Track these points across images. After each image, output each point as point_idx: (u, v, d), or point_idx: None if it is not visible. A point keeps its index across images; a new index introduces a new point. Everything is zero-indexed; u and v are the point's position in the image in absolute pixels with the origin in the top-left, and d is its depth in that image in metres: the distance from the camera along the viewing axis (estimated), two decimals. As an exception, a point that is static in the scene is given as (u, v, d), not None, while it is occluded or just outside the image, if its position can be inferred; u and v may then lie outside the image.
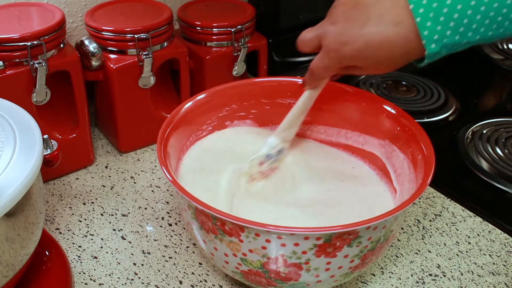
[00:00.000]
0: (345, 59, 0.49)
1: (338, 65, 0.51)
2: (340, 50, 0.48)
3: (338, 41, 0.48)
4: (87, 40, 0.69)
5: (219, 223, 0.47)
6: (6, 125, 0.49)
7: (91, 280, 0.57)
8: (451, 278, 0.58)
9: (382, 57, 0.47)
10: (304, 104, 0.59)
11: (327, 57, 0.50)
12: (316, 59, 0.52)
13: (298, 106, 0.60)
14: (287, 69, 0.92)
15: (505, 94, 0.94)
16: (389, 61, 0.47)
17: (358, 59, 0.48)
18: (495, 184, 0.70)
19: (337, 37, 0.48)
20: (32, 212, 0.47)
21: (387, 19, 0.45)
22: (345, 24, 0.48)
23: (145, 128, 0.76)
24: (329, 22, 0.50)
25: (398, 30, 0.44)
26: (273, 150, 0.61)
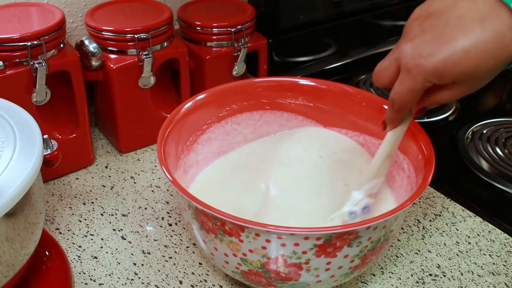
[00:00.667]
0: (431, 75, 0.42)
1: (423, 85, 0.43)
2: (423, 65, 0.42)
3: (419, 55, 0.42)
4: (87, 40, 0.69)
5: (219, 223, 0.47)
6: (6, 125, 0.49)
7: (91, 280, 0.57)
8: (451, 278, 0.58)
9: (473, 64, 0.40)
10: (389, 149, 0.52)
11: (408, 77, 0.43)
12: (395, 85, 0.45)
13: (383, 152, 0.53)
14: (287, 69, 0.93)
15: (505, 94, 0.94)
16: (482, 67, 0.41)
17: (446, 72, 0.41)
18: (495, 184, 0.70)
19: (417, 51, 0.42)
20: (32, 212, 0.47)
21: (470, 18, 0.40)
22: (423, 36, 0.42)
23: (145, 128, 0.76)
24: (405, 40, 0.44)
25: (487, 26, 0.39)
26: (357, 207, 0.53)
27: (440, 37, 0.41)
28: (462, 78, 0.42)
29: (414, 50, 0.43)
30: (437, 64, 0.41)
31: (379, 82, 0.47)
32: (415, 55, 0.42)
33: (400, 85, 0.45)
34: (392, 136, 0.52)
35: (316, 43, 0.96)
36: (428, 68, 0.42)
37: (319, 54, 0.96)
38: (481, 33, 0.40)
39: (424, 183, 0.50)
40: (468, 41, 0.40)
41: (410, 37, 0.44)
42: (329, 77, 0.86)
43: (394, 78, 0.45)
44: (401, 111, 0.48)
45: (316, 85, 0.65)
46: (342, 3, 0.94)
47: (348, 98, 0.64)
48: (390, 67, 0.46)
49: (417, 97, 0.45)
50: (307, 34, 0.93)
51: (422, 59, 0.42)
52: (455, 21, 0.41)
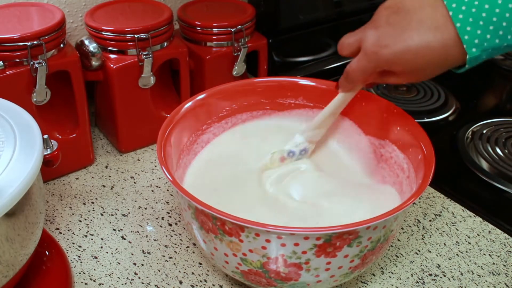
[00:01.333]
0: (383, 62, 0.49)
1: (375, 69, 0.51)
2: (379, 53, 0.48)
3: (378, 44, 0.48)
4: (87, 40, 0.69)
5: (219, 223, 0.47)
6: (6, 125, 0.49)
7: (91, 280, 0.57)
8: (451, 278, 0.58)
9: (420, 63, 0.47)
10: (335, 107, 0.59)
11: (365, 59, 0.50)
12: (353, 61, 0.52)
13: (329, 108, 0.59)
14: (287, 69, 0.93)
15: (505, 94, 0.94)
16: (427, 67, 0.47)
17: (396, 64, 0.48)
18: (495, 184, 0.70)
19: (377, 39, 0.48)
20: (32, 212, 0.47)
21: (427, 24, 0.45)
22: (387, 28, 0.48)
23: (145, 128, 0.76)
24: (371, 26, 0.50)
25: (437, 36, 0.45)
26: (297, 148, 0.61)
27: (400, 34, 0.47)
28: (409, 71, 0.49)
29: (375, 38, 0.49)
30: (390, 56, 0.48)
31: (342, 52, 0.54)
32: (375, 43, 0.49)
33: (356, 62, 0.52)
34: (341, 98, 0.58)
35: (316, 43, 0.96)
36: (382, 56, 0.48)
37: (319, 54, 0.96)
38: (433, 41, 0.45)
39: (424, 183, 0.50)
40: (420, 44, 0.46)
41: (376, 25, 0.49)
42: (329, 77, 0.85)
43: (355, 52, 0.52)
44: (353, 83, 0.55)
45: (316, 85, 0.65)
46: (342, 3, 0.94)
47: (348, 98, 0.64)
48: (353, 44, 0.52)
49: (367, 75, 0.52)
50: (307, 34, 0.93)
51: (379, 48, 0.48)
52: (415, 24, 0.46)
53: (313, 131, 0.62)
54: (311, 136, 0.62)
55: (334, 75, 0.94)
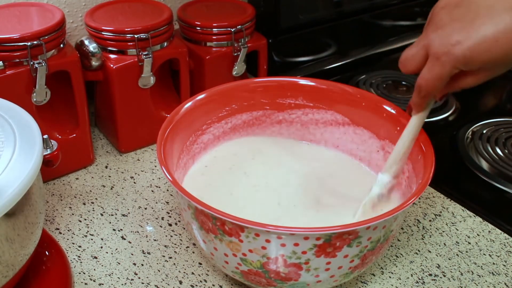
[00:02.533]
0: (459, 62, 0.44)
1: (451, 72, 0.45)
2: (452, 52, 0.43)
3: (449, 43, 0.43)
4: (87, 40, 0.69)
5: (219, 223, 0.47)
6: (6, 125, 0.49)
7: (91, 280, 0.57)
8: (451, 278, 0.58)
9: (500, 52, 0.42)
10: (413, 133, 0.54)
11: (437, 63, 0.45)
12: (423, 72, 0.47)
13: (407, 136, 0.54)
14: (287, 69, 0.93)
15: (505, 94, 0.94)
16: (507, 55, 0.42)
17: (473, 60, 0.43)
18: (495, 184, 0.70)
19: (446, 39, 0.44)
20: (32, 212, 0.47)
21: (499, 7, 0.41)
22: (453, 24, 0.44)
23: (145, 128, 0.76)
24: (432, 28, 0.46)
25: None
26: (385, 189, 0.55)
27: (470, 26, 0.42)
28: (490, 64, 0.44)
29: (443, 38, 0.44)
30: (466, 52, 0.43)
31: (406, 68, 0.48)
32: (444, 43, 0.44)
33: (428, 72, 0.46)
34: (417, 120, 0.53)
35: (316, 43, 0.96)
36: (458, 55, 0.43)
37: (319, 54, 0.96)
38: (510, 21, 0.41)
39: (424, 183, 0.50)
40: (498, 29, 0.41)
41: (439, 25, 0.45)
42: (329, 77, 0.86)
43: (421, 65, 0.47)
44: (427, 97, 0.49)
45: (316, 85, 0.65)
46: (342, 3, 0.94)
47: (348, 98, 0.64)
48: (418, 54, 0.47)
49: (444, 84, 0.46)
50: (307, 34, 0.93)
51: (451, 47, 0.43)
52: (484, 10, 0.42)
53: (397, 164, 0.55)
54: (396, 171, 0.55)
55: (334, 75, 0.94)
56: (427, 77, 0.46)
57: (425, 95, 0.49)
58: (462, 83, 0.47)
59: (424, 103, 0.51)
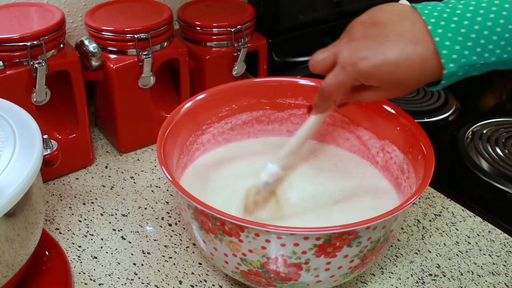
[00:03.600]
0: (361, 76, 0.47)
1: (353, 82, 0.48)
2: (357, 65, 0.46)
3: (356, 56, 0.47)
4: (87, 40, 0.69)
5: (219, 223, 0.47)
6: (6, 125, 0.49)
7: (91, 280, 0.57)
8: (451, 278, 0.58)
9: (399, 76, 0.46)
10: (309, 131, 0.56)
11: (342, 72, 0.48)
12: (328, 77, 0.50)
13: (302, 133, 0.57)
14: (287, 69, 0.92)
15: (505, 94, 0.94)
16: (405, 80, 0.46)
17: (374, 77, 0.47)
18: (495, 184, 0.70)
19: (355, 52, 0.47)
20: (32, 212, 0.47)
21: (406, 37, 0.45)
22: (364, 41, 0.47)
23: (145, 128, 0.76)
24: (346, 39, 0.49)
25: (417, 49, 0.45)
26: (272, 178, 0.57)
27: (378, 47, 0.46)
28: (387, 85, 0.47)
29: (353, 51, 0.47)
30: (369, 68, 0.46)
31: (314, 69, 0.51)
32: (353, 55, 0.47)
33: (333, 77, 0.49)
34: (314, 120, 0.56)
35: (316, 43, 0.95)
36: (361, 69, 0.46)
37: (319, 54, 0.96)
38: (412, 53, 0.45)
39: (424, 183, 0.50)
40: (401, 56, 0.45)
41: (352, 38, 0.48)
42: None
43: (328, 69, 0.50)
44: (328, 101, 0.52)
45: (316, 85, 0.65)
46: (342, 3, 0.94)
47: (348, 98, 0.64)
48: (327, 59, 0.50)
49: (344, 91, 0.50)
50: (307, 34, 0.92)
51: (358, 60, 0.46)
52: (395, 36, 0.45)
53: (287, 157, 0.58)
54: (286, 163, 0.58)
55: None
56: (330, 82, 0.49)
57: (326, 98, 0.51)
58: (361, 96, 0.51)
59: (324, 106, 0.53)
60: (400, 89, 0.48)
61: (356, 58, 0.47)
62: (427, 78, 0.46)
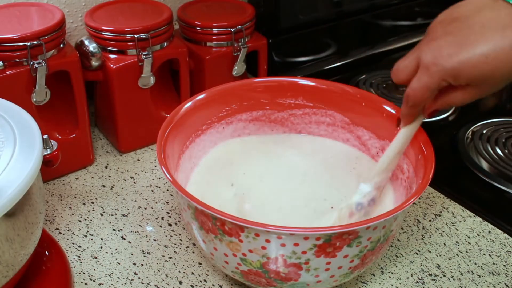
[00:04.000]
0: (448, 74, 0.44)
1: (440, 83, 0.45)
2: (442, 63, 0.44)
3: (440, 55, 0.44)
4: (87, 40, 0.69)
5: (219, 223, 0.47)
6: (6, 125, 0.49)
7: (91, 280, 0.57)
8: (451, 278, 0.58)
9: (489, 68, 0.43)
10: (400, 145, 0.54)
11: (427, 74, 0.45)
12: (413, 82, 0.47)
13: (394, 148, 0.54)
14: (287, 69, 0.92)
15: (505, 94, 0.94)
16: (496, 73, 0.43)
17: (462, 73, 0.44)
18: (495, 184, 0.70)
19: (438, 51, 0.44)
20: (32, 212, 0.47)
21: (492, 25, 0.43)
22: (446, 37, 0.44)
23: (145, 128, 0.76)
24: (426, 40, 0.46)
25: (507, 34, 0.42)
26: (365, 199, 0.55)
27: (462, 40, 0.43)
28: (477, 81, 0.44)
29: (435, 50, 0.45)
30: (455, 65, 0.43)
31: (398, 78, 0.49)
32: (436, 54, 0.44)
33: (417, 81, 0.46)
34: (405, 132, 0.53)
35: (316, 43, 0.96)
36: (447, 67, 0.44)
37: (319, 54, 0.96)
38: (501, 40, 0.42)
39: (424, 183, 0.50)
40: (488, 47, 0.42)
41: (432, 38, 0.46)
42: (329, 77, 0.86)
43: (412, 75, 0.47)
44: (415, 107, 0.49)
45: (316, 85, 0.65)
46: (342, 3, 0.94)
47: (348, 98, 0.64)
48: (410, 65, 0.47)
49: (431, 95, 0.47)
50: (307, 34, 0.92)
51: (442, 59, 0.44)
52: (478, 27, 0.43)
53: (380, 176, 0.55)
54: (379, 182, 0.55)
55: (334, 75, 0.94)
56: (415, 87, 0.47)
57: (413, 105, 0.49)
58: (450, 99, 0.48)
59: (412, 114, 0.51)
60: (493, 84, 0.45)
61: (439, 57, 0.44)
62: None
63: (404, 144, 0.54)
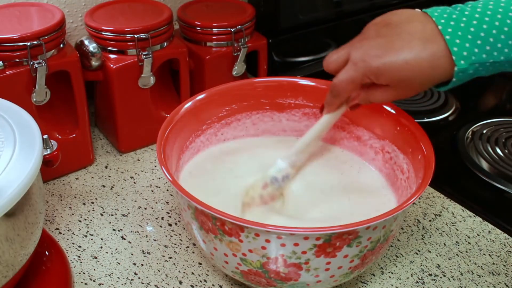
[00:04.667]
0: (371, 72, 0.48)
1: (363, 79, 0.50)
2: (368, 61, 0.48)
3: (368, 54, 0.48)
4: (87, 40, 0.69)
5: (219, 223, 0.47)
6: (6, 125, 0.49)
7: (91, 280, 0.57)
8: (451, 278, 0.58)
9: (409, 74, 0.47)
10: (320, 130, 0.58)
11: (353, 68, 0.50)
12: (340, 73, 0.51)
13: (314, 131, 0.58)
14: (287, 69, 0.92)
15: (505, 94, 0.94)
16: (415, 79, 0.48)
17: (384, 74, 0.48)
18: (495, 184, 0.70)
19: (367, 49, 0.49)
20: (32, 212, 0.47)
21: (417, 37, 0.47)
22: (376, 39, 0.49)
23: (145, 128, 0.76)
24: (359, 39, 0.51)
25: (427, 47, 0.46)
26: (280, 174, 0.59)
27: (390, 45, 0.48)
28: (396, 82, 0.48)
29: (364, 49, 0.49)
30: (379, 65, 0.48)
31: (328, 68, 0.53)
32: (364, 53, 0.49)
33: (344, 73, 0.51)
34: (326, 119, 0.57)
35: (316, 43, 0.96)
36: (372, 66, 0.48)
37: (319, 54, 0.96)
38: (422, 51, 0.46)
39: (424, 183, 0.50)
40: (410, 54, 0.47)
41: (365, 37, 0.50)
42: (329, 77, 0.85)
43: (341, 67, 0.51)
44: (338, 97, 0.53)
45: (316, 85, 0.65)
46: (342, 3, 0.94)
47: (348, 98, 0.64)
48: (341, 57, 0.51)
49: (354, 88, 0.51)
50: (307, 34, 0.93)
51: (369, 58, 0.48)
52: (406, 35, 0.47)
53: (297, 155, 0.60)
54: (295, 161, 0.60)
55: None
56: (341, 78, 0.51)
57: (336, 95, 0.53)
58: (371, 96, 0.51)
59: (335, 104, 0.55)
60: (410, 88, 0.49)
61: (367, 55, 0.48)
62: (436, 76, 0.47)
63: (324, 130, 0.58)
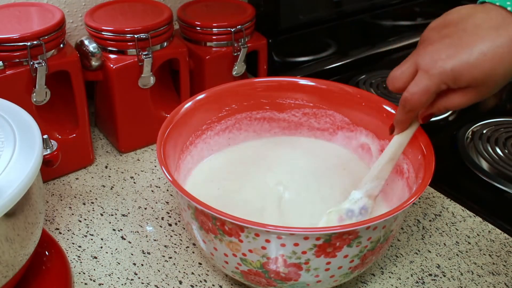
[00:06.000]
0: (448, 76, 0.44)
1: (439, 87, 0.45)
2: (442, 65, 0.44)
3: (438, 57, 0.44)
4: (87, 40, 0.69)
5: (219, 223, 0.47)
6: (6, 125, 0.49)
7: (91, 280, 0.57)
8: (451, 278, 0.58)
9: (488, 66, 0.43)
10: (393, 152, 0.53)
11: (425, 76, 0.45)
12: (410, 86, 0.46)
13: (386, 155, 0.53)
14: (287, 69, 0.93)
15: (505, 94, 0.94)
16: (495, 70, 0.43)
17: (462, 74, 0.44)
18: (495, 184, 0.70)
19: (436, 53, 0.45)
20: (32, 212, 0.47)
21: (485, 26, 0.43)
22: (443, 41, 0.45)
23: (145, 128, 0.76)
24: (422, 46, 0.47)
25: (501, 33, 0.43)
26: (356, 205, 0.54)
27: (459, 42, 0.44)
28: (478, 80, 0.44)
29: (433, 53, 0.45)
30: (455, 66, 0.43)
31: (394, 86, 0.48)
32: (434, 57, 0.45)
33: (415, 85, 0.46)
34: (398, 139, 0.53)
35: (316, 43, 0.96)
36: (446, 69, 0.44)
37: (319, 54, 0.96)
38: (497, 38, 0.43)
39: (424, 183, 0.50)
40: (485, 45, 0.43)
41: (429, 43, 0.46)
42: (329, 77, 0.85)
43: (409, 81, 0.47)
44: (412, 112, 0.48)
45: (316, 85, 0.65)
46: (342, 3, 0.94)
47: (348, 98, 0.64)
48: (407, 71, 0.47)
49: (430, 99, 0.46)
50: (307, 34, 0.92)
51: (441, 61, 0.44)
52: (472, 28, 0.44)
53: (372, 183, 0.54)
54: (370, 190, 0.54)
55: (334, 75, 0.94)
56: (414, 91, 0.46)
57: (410, 109, 0.48)
58: (448, 102, 0.47)
59: (408, 120, 0.50)
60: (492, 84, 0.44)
61: (438, 59, 0.44)
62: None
63: (397, 152, 0.53)
